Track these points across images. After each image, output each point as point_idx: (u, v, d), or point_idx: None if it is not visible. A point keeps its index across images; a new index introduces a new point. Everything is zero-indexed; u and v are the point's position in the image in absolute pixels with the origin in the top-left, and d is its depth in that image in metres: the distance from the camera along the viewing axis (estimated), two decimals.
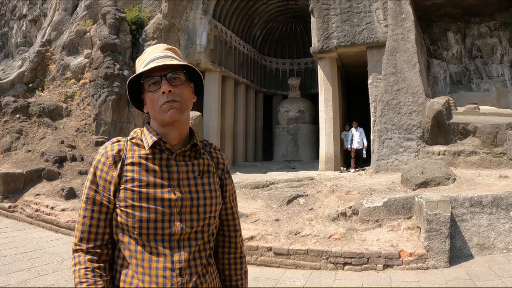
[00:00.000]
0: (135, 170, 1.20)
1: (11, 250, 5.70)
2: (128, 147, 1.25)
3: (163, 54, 1.26)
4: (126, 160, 1.22)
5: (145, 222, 1.17)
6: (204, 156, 1.33)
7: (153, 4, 13.79)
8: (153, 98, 1.22)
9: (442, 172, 6.98)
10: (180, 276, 1.18)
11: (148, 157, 1.23)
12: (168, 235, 1.18)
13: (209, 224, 1.26)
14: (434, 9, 10.54)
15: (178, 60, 1.26)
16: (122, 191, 1.19)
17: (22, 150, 10.13)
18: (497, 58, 10.53)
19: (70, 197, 8.25)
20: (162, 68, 1.21)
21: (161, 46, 1.31)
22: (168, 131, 1.25)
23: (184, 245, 1.20)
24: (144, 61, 1.27)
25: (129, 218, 1.17)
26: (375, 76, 10.29)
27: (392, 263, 4.95)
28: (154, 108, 1.23)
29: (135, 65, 1.34)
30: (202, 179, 1.28)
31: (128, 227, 1.18)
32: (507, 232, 5.25)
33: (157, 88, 1.21)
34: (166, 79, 1.21)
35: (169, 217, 1.19)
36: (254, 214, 6.63)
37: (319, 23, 10.87)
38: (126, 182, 1.19)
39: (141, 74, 1.24)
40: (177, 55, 1.30)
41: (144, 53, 1.31)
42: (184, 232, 1.20)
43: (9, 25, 19.04)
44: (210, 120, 13.57)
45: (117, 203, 1.20)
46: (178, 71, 1.24)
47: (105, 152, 1.24)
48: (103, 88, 11.31)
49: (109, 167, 1.22)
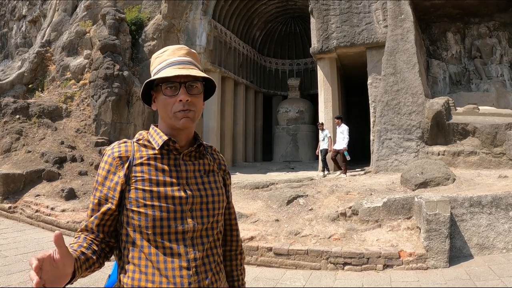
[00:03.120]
0: (144, 170, 1.22)
1: (11, 251, 5.71)
2: (135, 148, 1.27)
3: (185, 60, 1.28)
4: (134, 160, 1.24)
5: (159, 221, 1.18)
6: (208, 157, 1.37)
7: (153, 5, 13.80)
8: (167, 102, 1.24)
9: (441, 172, 6.99)
10: (196, 274, 1.19)
11: (157, 157, 1.25)
12: (181, 233, 1.20)
13: (217, 221, 1.30)
14: (434, 9, 10.56)
15: (199, 70, 1.28)
16: (133, 191, 1.20)
17: (22, 150, 10.13)
18: (497, 59, 10.54)
19: (70, 198, 8.26)
20: (184, 76, 1.23)
21: (182, 49, 1.31)
22: (176, 133, 1.28)
23: (198, 243, 1.22)
24: (164, 61, 1.28)
25: (141, 218, 1.18)
26: (375, 76, 10.30)
27: (392, 263, 4.96)
28: (167, 112, 1.25)
29: (151, 61, 1.35)
30: (208, 178, 1.32)
31: (141, 228, 1.19)
32: (507, 232, 5.26)
33: (174, 93, 1.23)
34: (185, 88, 1.23)
35: (181, 215, 1.21)
36: (254, 214, 6.64)
37: (319, 23, 10.87)
38: (136, 182, 1.21)
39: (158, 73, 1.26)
40: (196, 61, 1.32)
41: (164, 52, 1.32)
42: (196, 229, 1.22)
43: (8, 26, 19.05)
44: (210, 120, 13.57)
45: (128, 204, 1.21)
46: (197, 81, 1.26)
47: (112, 153, 1.26)
48: (103, 89, 11.32)
49: (116, 168, 1.23)
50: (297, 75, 18.60)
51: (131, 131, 11.42)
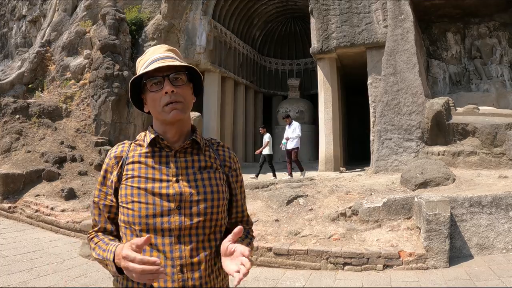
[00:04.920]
0: (135, 168, 1.26)
1: (11, 250, 5.70)
2: (131, 148, 1.32)
3: (165, 55, 1.30)
4: (127, 159, 1.28)
5: (144, 218, 1.20)
6: (207, 153, 1.35)
7: (153, 5, 13.79)
8: (155, 98, 1.25)
9: (441, 172, 6.98)
10: (181, 272, 1.18)
11: (148, 155, 1.28)
12: (167, 230, 1.20)
13: (211, 219, 1.26)
14: (434, 9, 10.55)
15: (180, 61, 1.29)
16: (123, 188, 1.24)
17: (22, 150, 10.12)
18: (497, 59, 10.54)
19: (70, 198, 8.26)
20: (165, 68, 1.24)
21: (163, 47, 1.34)
22: (168, 129, 1.29)
23: (185, 241, 1.21)
24: (146, 62, 1.30)
25: (129, 215, 1.22)
26: (375, 76, 10.30)
27: (392, 263, 4.96)
28: (156, 107, 1.26)
29: (136, 66, 1.37)
30: (202, 175, 1.29)
31: (130, 224, 1.22)
32: (507, 232, 5.25)
33: (159, 88, 1.25)
34: (169, 80, 1.24)
35: (168, 212, 1.21)
36: (254, 214, 6.64)
37: (319, 23, 10.87)
38: (127, 179, 1.25)
39: (143, 74, 1.26)
40: (178, 56, 1.34)
41: (145, 54, 1.34)
42: (183, 226, 1.21)
43: (8, 26, 19.03)
44: (210, 120, 13.57)
45: (120, 201, 1.25)
46: (180, 72, 1.27)
47: (109, 154, 1.32)
48: (103, 89, 11.31)
49: (112, 167, 1.29)
50: (297, 75, 18.60)
51: (131, 131, 11.42)
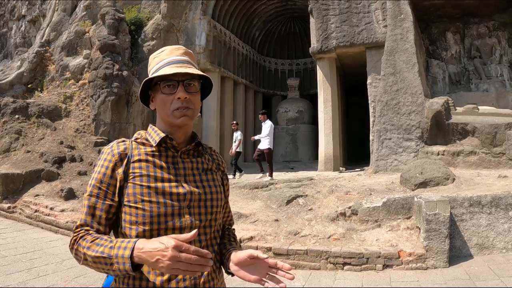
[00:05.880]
0: (142, 166, 1.24)
1: (10, 250, 5.69)
2: (133, 146, 1.30)
3: (182, 59, 1.31)
4: (132, 157, 1.26)
5: (156, 217, 1.19)
6: (206, 156, 1.40)
7: (152, 5, 13.79)
8: (166, 100, 1.27)
9: (441, 172, 6.98)
10: None
11: (155, 154, 1.27)
12: (178, 230, 1.20)
13: (215, 219, 1.31)
14: (433, 9, 10.55)
15: (196, 68, 1.31)
16: (131, 186, 1.21)
17: (21, 150, 10.11)
18: (496, 58, 10.54)
19: (69, 198, 8.25)
20: (181, 74, 1.25)
21: (180, 49, 1.35)
22: (174, 131, 1.30)
23: (195, 240, 1.22)
24: (162, 61, 1.30)
25: (139, 214, 1.19)
26: (374, 76, 10.30)
27: (391, 263, 4.96)
28: (165, 110, 1.27)
29: (149, 61, 1.38)
30: (206, 176, 1.33)
31: (138, 224, 1.19)
32: (506, 232, 5.26)
33: (172, 91, 1.26)
34: (183, 86, 1.26)
35: (179, 211, 1.22)
36: (253, 214, 6.64)
37: (318, 23, 10.87)
38: (134, 178, 1.22)
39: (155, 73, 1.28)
40: (193, 61, 1.35)
41: (161, 52, 1.34)
42: (194, 225, 1.23)
43: (8, 26, 19.01)
44: (209, 120, 13.56)
45: (126, 200, 1.21)
46: (194, 79, 1.28)
47: (111, 151, 1.27)
48: (102, 89, 11.30)
49: (115, 164, 1.25)
50: (296, 75, 18.60)
51: (130, 131, 11.41)
